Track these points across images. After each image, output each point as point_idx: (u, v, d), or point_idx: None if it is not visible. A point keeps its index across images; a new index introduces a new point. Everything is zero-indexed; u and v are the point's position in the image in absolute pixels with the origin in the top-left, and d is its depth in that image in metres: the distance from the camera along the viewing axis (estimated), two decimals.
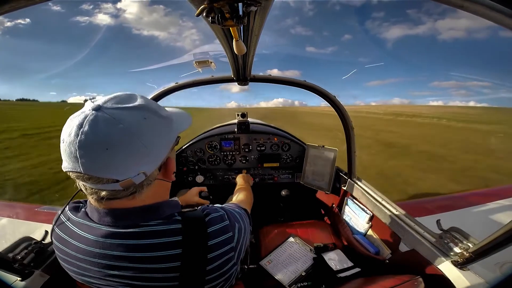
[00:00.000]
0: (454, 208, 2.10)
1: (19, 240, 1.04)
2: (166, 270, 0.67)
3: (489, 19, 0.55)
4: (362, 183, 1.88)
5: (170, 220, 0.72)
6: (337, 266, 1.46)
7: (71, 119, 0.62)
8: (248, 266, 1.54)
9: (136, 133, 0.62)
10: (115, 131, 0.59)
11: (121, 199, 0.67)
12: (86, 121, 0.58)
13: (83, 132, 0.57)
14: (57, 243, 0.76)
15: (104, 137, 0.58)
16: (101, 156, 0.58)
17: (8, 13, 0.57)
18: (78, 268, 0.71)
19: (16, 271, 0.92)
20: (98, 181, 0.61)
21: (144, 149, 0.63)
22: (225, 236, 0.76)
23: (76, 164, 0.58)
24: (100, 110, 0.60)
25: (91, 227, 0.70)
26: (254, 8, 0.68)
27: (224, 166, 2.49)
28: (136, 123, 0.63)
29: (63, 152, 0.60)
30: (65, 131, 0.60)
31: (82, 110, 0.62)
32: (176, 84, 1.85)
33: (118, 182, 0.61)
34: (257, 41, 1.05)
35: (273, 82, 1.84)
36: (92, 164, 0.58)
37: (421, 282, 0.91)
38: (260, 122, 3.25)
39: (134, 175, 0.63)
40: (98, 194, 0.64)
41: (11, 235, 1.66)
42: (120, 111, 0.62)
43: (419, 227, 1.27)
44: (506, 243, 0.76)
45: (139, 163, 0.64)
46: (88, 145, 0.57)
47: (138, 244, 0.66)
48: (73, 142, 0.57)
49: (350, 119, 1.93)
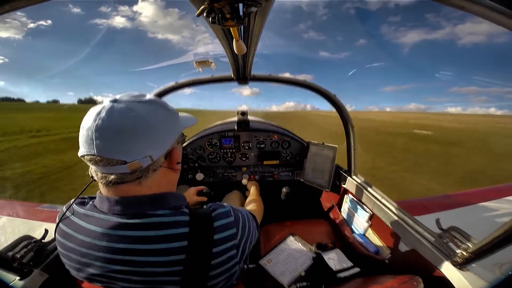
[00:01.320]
0: (454, 206, 2.10)
1: (19, 238, 1.04)
2: (170, 263, 0.68)
3: (489, 19, 0.55)
4: (362, 181, 1.88)
5: (178, 211, 0.75)
6: (336, 266, 1.46)
7: (91, 110, 0.69)
8: (247, 266, 1.55)
9: (146, 120, 0.70)
10: (128, 117, 0.67)
11: (128, 184, 0.72)
12: (103, 109, 0.67)
13: (100, 118, 0.65)
14: (60, 239, 0.76)
15: (117, 121, 0.66)
16: (114, 138, 0.65)
17: (8, 12, 0.57)
18: (80, 264, 0.72)
19: (15, 270, 0.92)
20: (108, 162, 0.67)
21: (151, 135, 0.71)
22: (229, 232, 0.78)
23: (91, 147, 0.65)
24: (117, 102, 0.69)
25: (99, 219, 0.72)
26: (254, 8, 0.68)
27: (224, 163, 2.50)
28: (146, 112, 0.71)
29: (81, 138, 0.67)
30: (85, 119, 0.68)
31: (102, 104, 0.70)
32: (176, 83, 1.85)
33: (126, 164, 0.67)
34: (258, 41, 1.05)
35: (273, 81, 1.84)
36: (105, 146, 0.65)
37: (421, 282, 0.91)
38: (260, 120, 3.25)
39: (141, 158, 0.69)
40: (107, 179, 0.70)
41: (11, 234, 1.66)
42: (133, 103, 0.70)
43: (419, 226, 1.27)
44: (506, 242, 0.76)
45: (146, 147, 0.70)
46: (103, 128, 0.65)
47: (144, 236, 0.68)
48: (90, 127, 0.65)
49: (350, 117, 1.93)
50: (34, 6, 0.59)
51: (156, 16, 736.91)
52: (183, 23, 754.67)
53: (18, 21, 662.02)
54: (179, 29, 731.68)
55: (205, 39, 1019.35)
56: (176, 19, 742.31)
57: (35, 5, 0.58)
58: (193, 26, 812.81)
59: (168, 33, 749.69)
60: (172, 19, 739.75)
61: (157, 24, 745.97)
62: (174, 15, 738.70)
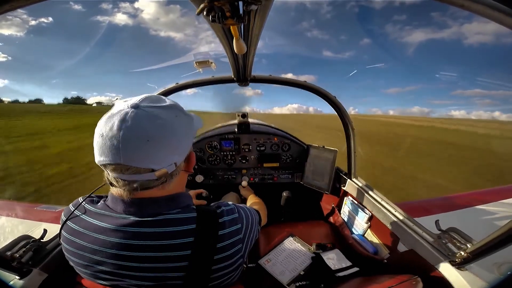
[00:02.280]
0: (453, 208, 2.10)
1: (18, 238, 1.04)
2: (177, 258, 0.70)
3: (490, 18, 0.55)
4: (361, 183, 1.88)
5: (187, 209, 0.78)
6: (335, 265, 1.46)
7: (109, 116, 0.67)
8: (247, 265, 1.54)
9: (171, 128, 0.70)
10: (155, 125, 0.67)
11: (151, 189, 0.72)
12: (129, 117, 0.65)
13: (126, 127, 0.63)
14: (68, 236, 0.76)
15: (146, 130, 0.65)
16: (142, 147, 0.65)
17: (8, 12, 0.57)
18: (89, 261, 0.72)
19: (14, 269, 0.92)
20: (136, 171, 0.67)
21: (176, 142, 0.72)
22: (234, 227, 0.80)
23: (116, 156, 0.63)
24: (139, 108, 0.67)
25: (114, 218, 0.72)
26: (254, 7, 0.68)
27: (224, 166, 2.49)
28: (171, 119, 0.70)
29: (101, 146, 0.65)
30: (105, 126, 0.65)
31: (119, 108, 0.67)
32: (176, 84, 1.85)
33: (153, 172, 0.68)
34: (258, 40, 1.06)
35: (273, 82, 1.84)
36: (133, 155, 0.64)
37: (419, 282, 0.91)
38: (260, 123, 3.26)
39: (168, 165, 0.70)
40: (131, 186, 0.69)
41: (10, 234, 1.66)
42: (156, 109, 0.69)
43: (418, 227, 1.27)
44: (504, 243, 0.76)
45: (172, 154, 0.72)
46: (131, 137, 0.63)
47: (156, 232, 0.70)
48: (115, 136, 0.63)
49: (350, 119, 1.93)
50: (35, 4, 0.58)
51: (158, 13, 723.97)
52: (185, 20, 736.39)
53: (19, 19, 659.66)
54: (181, 27, 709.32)
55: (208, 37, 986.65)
56: (179, 17, 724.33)
57: (34, 4, 0.58)
58: (195, 24, 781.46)
59: (170, 31, 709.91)
60: (175, 16, 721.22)
61: (159, 21, 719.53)
62: (176, 12, 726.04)
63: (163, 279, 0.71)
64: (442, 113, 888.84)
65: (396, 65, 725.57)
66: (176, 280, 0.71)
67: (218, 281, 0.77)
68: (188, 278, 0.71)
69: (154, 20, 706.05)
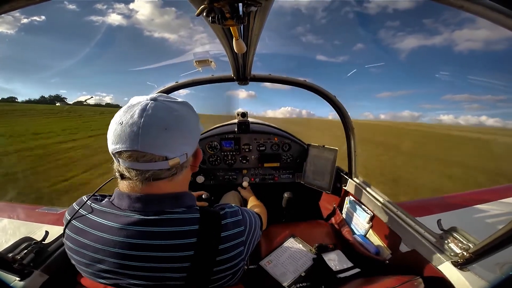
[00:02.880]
0: (455, 208, 2.09)
1: (19, 240, 1.04)
2: (180, 259, 0.70)
3: (489, 19, 0.54)
4: (362, 183, 1.88)
5: (191, 209, 0.79)
6: (336, 266, 1.46)
7: (129, 106, 0.71)
8: (248, 267, 1.54)
9: (185, 120, 0.75)
10: (172, 116, 0.72)
11: (162, 180, 0.75)
12: (149, 107, 0.70)
13: (147, 115, 0.68)
14: (72, 234, 0.76)
15: (164, 120, 0.70)
16: (160, 135, 0.68)
17: (8, 12, 0.57)
18: (91, 260, 0.72)
19: (15, 271, 0.92)
20: (151, 158, 0.69)
21: (189, 134, 0.77)
22: (237, 229, 0.81)
23: (134, 142, 0.66)
24: (157, 101, 0.73)
25: (118, 215, 0.73)
26: (254, 8, 0.68)
27: (224, 166, 2.49)
28: (184, 113, 0.76)
29: (118, 134, 0.68)
30: (125, 115, 0.69)
31: (138, 100, 0.73)
32: (176, 83, 1.85)
33: (167, 160, 0.71)
34: (257, 40, 1.05)
35: (273, 81, 1.84)
36: (151, 141, 0.67)
37: (421, 283, 0.91)
38: (260, 122, 3.25)
39: (180, 155, 0.74)
40: (144, 175, 0.71)
41: (12, 236, 1.66)
42: (172, 103, 0.75)
43: (420, 227, 1.26)
44: (507, 243, 0.76)
45: (184, 145, 0.76)
46: (151, 124, 0.67)
47: (160, 231, 0.70)
48: (136, 123, 0.67)
49: (350, 119, 1.93)
50: None
51: (153, 15, 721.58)
52: (180, 22, 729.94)
53: (12, 16, 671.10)
54: (176, 28, 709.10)
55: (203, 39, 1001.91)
56: (174, 18, 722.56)
57: (34, 4, 0.58)
58: (190, 26, 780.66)
59: (165, 32, 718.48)
60: (170, 18, 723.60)
61: (154, 22, 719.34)
62: (171, 14, 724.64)
63: (164, 279, 0.71)
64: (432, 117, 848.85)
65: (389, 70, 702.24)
66: (178, 280, 0.72)
67: (218, 283, 0.77)
68: (189, 279, 0.71)
69: (149, 21, 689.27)
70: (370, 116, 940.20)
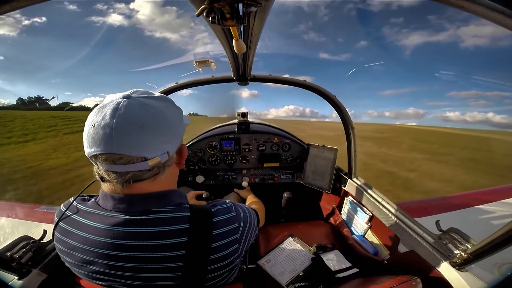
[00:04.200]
0: (454, 208, 2.10)
1: (17, 239, 1.04)
2: (171, 259, 0.69)
3: (489, 19, 0.55)
4: (362, 183, 1.88)
5: (180, 207, 0.76)
6: (335, 266, 1.46)
7: (100, 107, 0.67)
8: (246, 266, 1.54)
9: (163, 116, 0.70)
10: (147, 113, 0.67)
11: (144, 181, 0.72)
12: (121, 105, 0.65)
13: (119, 114, 0.64)
14: (60, 236, 0.76)
15: (139, 117, 0.65)
16: (135, 134, 0.64)
17: (8, 12, 0.57)
18: (81, 261, 0.72)
19: (13, 270, 0.92)
20: (128, 160, 0.66)
21: (168, 131, 0.72)
22: (230, 226, 0.79)
23: (108, 145, 0.63)
24: (131, 98, 0.68)
25: (103, 216, 0.71)
26: (254, 8, 0.68)
27: (224, 166, 2.49)
28: (162, 108, 0.72)
29: (92, 136, 0.64)
30: (96, 117, 0.65)
31: (110, 99, 0.68)
32: (176, 84, 1.85)
33: (146, 161, 0.68)
34: (258, 40, 1.06)
35: (273, 82, 1.84)
36: (126, 143, 0.64)
37: (419, 283, 0.91)
38: (260, 122, 3.26)
39: (160, 154, 0.70)
40: (124, 178, 0.68)
41: (10, 235, 1.66)
42: (148, 99, 0.70)
43: (418, 227, 1.27)
44: (505, 244, 0.76)
45: (164, 143, 0.71)
46: (125, 124, 0.63)
47: (148, 231, 0.69)
48: (108, 124, 0.63)
49: (350, 118, 1.93)
50: None
51: (154, 14, 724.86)
52: (181, 21, 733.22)
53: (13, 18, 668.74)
54: (177, 28, 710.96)
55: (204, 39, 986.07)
56: (174, 18, 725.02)
57: (35, 4, 0.58)
58: (191, 25, 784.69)
59: (166, 32, 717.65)
60: (170, 17, 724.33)
61: (155, 22, 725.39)
62: (172, 14, 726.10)
63: (158, 279, 0.70)
64: (437, 114, 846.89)
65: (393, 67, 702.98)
66: (172, 280, 0.71)
67: (215, 281, 0.77)
68: (184, 278, 0.71)
69: (150, 21, 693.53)
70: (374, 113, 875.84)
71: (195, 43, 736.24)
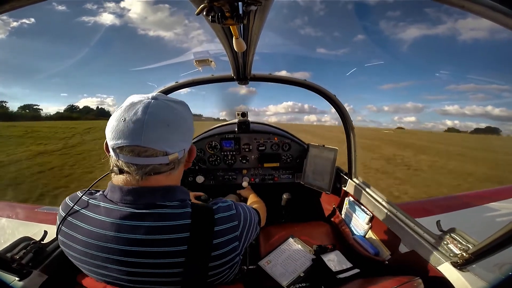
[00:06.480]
0: (454, 208, 2.10)
1: (18, 240, 1.04)
2: (173, 254, 0.70)
3: (490, 19, 0.54)
4: (362, 183, 1.87)
5: (183, 203, 0.79)
6: (336, 267, 1.45)
7: (131, 104, 0.74)
8: (247, 267, 1.54)
9: (184, 118, 0.79)
10: (173, 114, 0.76)
11: (161, 174, 0.77)
12: (151, 105, 0.73)
13: (150, 112, 0.71)
14: (66, 230, 0.77)
15: (166, 116, 0.73)
16: (162, 131, 0.72)
17: (8, 12, 0.57)
18: (84, 255, 0.73)
19: (14, 271, 0.91)
20: (152, 153, 0.72)
21: (187, 131, 0.81)
22: (230, 224, 0.81)
23: (136, 138, 0.69)
24: (158, 99, 0.76)
25: (110, 209, 0.73)
26: (254, 7, 0.68)
27: (224, 166, 2.49)
28: (183, 111, 0.81)
29: (121, 129, 0.70)
30: (127, 112, 0.71)
31: (139, 99, 0.75)
32: (176, 83, 1.85)
33: (167, 156, 0.74)
34: (257, 39, 1.05)
35: (273, 81, 1.84)
36: (153, 137, 0.70)
37: (420, 283, 0.91)
38: (260, 122, 3.26)
39: (179, 150, 0.78)
40: (144, 170, 0.73)
41: (10, 235, 1.66)
42: (171, 102, 0.79)
43: (419, 228, 1.26)
44: (506, 244, 0.76)
45: (183, 141, 0.79)
46: (154, 121, 0.71)
47: (153, 226, 0.71)
48: (140, 119, 0.70)
49: (350, 118, 1.93)
50: None
51: (146, 12, 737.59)
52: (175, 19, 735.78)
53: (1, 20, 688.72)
54: (171, 26, 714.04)
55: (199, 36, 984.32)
56: (167, 16, 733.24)
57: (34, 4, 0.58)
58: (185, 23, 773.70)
59: (159, 30, 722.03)
60: (163, 15, 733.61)
61: (147, 20, 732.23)
62: (165, 11, 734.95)
63: (161, 275, 0.71)
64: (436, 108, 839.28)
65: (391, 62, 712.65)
66: (174, 276, 0.72)
67: (215, 278, 0.78)
68: (186, 274, 0.72)
69: (142, 19, 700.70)
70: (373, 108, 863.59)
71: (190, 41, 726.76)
